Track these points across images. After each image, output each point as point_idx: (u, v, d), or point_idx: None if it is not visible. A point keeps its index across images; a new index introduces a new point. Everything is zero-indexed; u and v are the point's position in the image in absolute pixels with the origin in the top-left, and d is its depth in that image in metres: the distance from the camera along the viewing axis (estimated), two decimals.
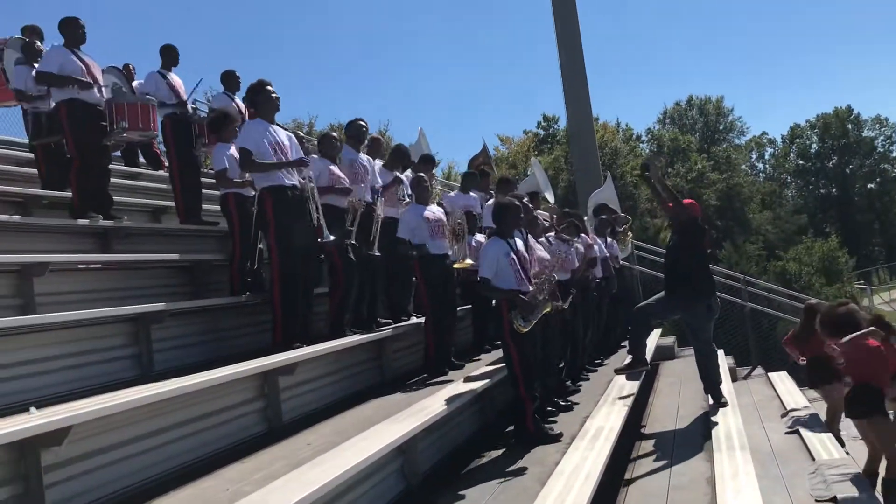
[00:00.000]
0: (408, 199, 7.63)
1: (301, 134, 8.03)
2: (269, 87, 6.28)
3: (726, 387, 8.20)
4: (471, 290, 8.66)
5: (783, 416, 8.51)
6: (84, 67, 7.25)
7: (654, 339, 11.02)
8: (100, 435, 3.78)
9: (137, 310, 5.54)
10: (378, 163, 8.10)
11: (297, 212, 6.18)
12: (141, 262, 6.79)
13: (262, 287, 6.97)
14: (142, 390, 4.11)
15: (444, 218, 7.30)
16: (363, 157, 7.68)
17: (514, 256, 5.87)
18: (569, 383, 7.84)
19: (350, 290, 6.93)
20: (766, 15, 76.01)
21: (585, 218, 9.55)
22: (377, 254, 7.28)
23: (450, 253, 7.21)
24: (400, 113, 73.67)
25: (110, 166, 7.92)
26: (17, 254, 5.80)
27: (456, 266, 7.12)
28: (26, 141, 8.85)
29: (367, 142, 7.93)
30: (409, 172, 8.34)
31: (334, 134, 7.67)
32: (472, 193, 9.31)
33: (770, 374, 11.68)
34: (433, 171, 9.29)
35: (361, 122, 7.77)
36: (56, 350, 4.89)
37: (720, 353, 9.63)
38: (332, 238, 6.41)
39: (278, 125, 6.42)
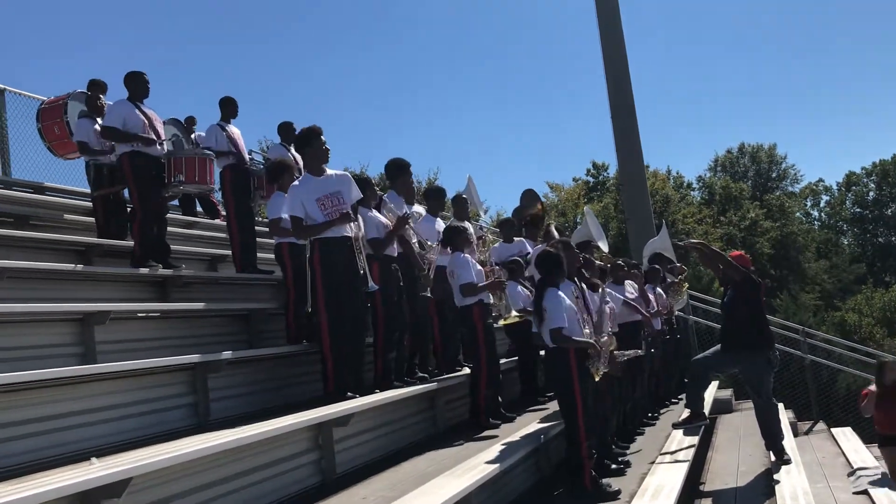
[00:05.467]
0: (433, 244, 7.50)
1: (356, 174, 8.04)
2: (321, 138, 6.25)
3: (788, 443, 7.94)
4: (519, 341, 8.59)
5: (850, 474, 8.20)
6: (146, 121, 7.46)
7: (711, 392, 10.75)
8: (158, 486, 3.77)
9: (196, 359, 5.58)
10: (421, 209, 8.08)
11: (344, 262, 6.17)
12: (198, 310, 6.87)
13: (317, 335, 6.97)
14: (200, 441, 4.12)
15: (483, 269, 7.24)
16: (414, 207, 7.68)
17: (573, 305, 5.80)
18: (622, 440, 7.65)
19: (391, 340, 6.84)
20: (818, 61, 75.30)
21: (647, 268, 9.41)
22: (429, 294, 7.21)
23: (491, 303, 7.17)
24: (448, 159, 74.15)
25: (168, 215, 8.10)
26: (78, 302, 5.94)
27: (503, 322, 7.04)
28: (87, 191, 9.09)
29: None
30: (417, 207, 8.04)
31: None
32: (519, 240, 9.24)
33: (833, 430, 11.30)
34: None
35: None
36: (116, 399, 4.95)
37: (780, 406, 9.35)
38: (376, 287, 6.40)
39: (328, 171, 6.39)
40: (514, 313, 7.27)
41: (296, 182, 6.34)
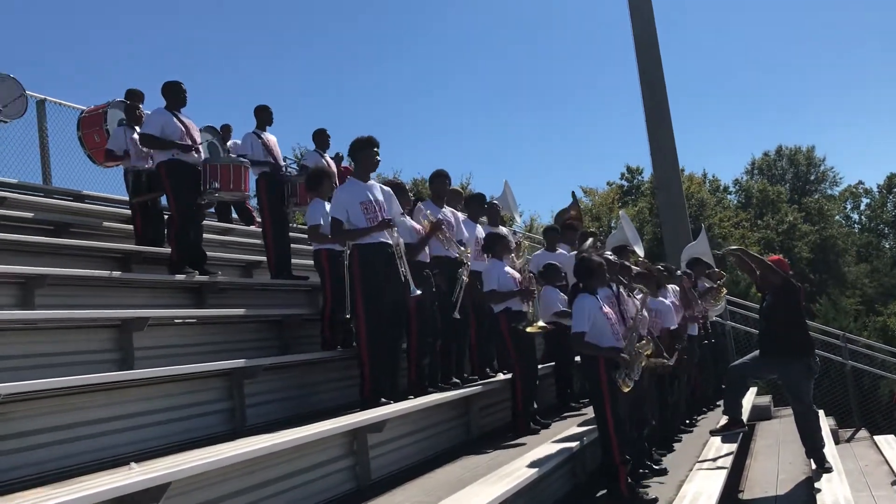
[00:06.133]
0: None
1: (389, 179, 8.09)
2: (375, 149, 6.44)
3: (829, 450, 7.80)
4: (554, 347, 8.55)
5: (893, 483, 8.01)
6: (184, 129, 7.55)
7: (749, 399, 10.58)
8: (196, 491, 3.81)
9: (232, 365, 5.63)
10: (461, 215, 8.10)
11: (384, 268, 6.23)
12: (234, 316, 6.94)
13: (351, 341, 7.00)
14: (237, 446, 4.15)
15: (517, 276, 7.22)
16: (447, 211, 7.70)
17: (608, 311, 5.75)
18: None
19: (424, 346, 6.89)
20: (857, 60, 73.93)
21: (678, 272, 9.27)
22: (458, 316, 7.25)
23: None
24: (482, 163, 74.08)
25: (203, 222, 8.19)
26: (116, 308, 6.03)
27: (529, 330, 7.04)
28: (125, 198, 9.22)
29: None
30: (447, 210, 7.85)
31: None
32: (560, 250, 9.18)
33: (876, 437, 11.06)
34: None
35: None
36: (154, 404, 5.02)
37: (820, 413, 9.18)
38: (418, 293, 6.42)
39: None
40: (539, 323, 7.25)
41: (343, 185, 6.50)
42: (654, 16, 17.26)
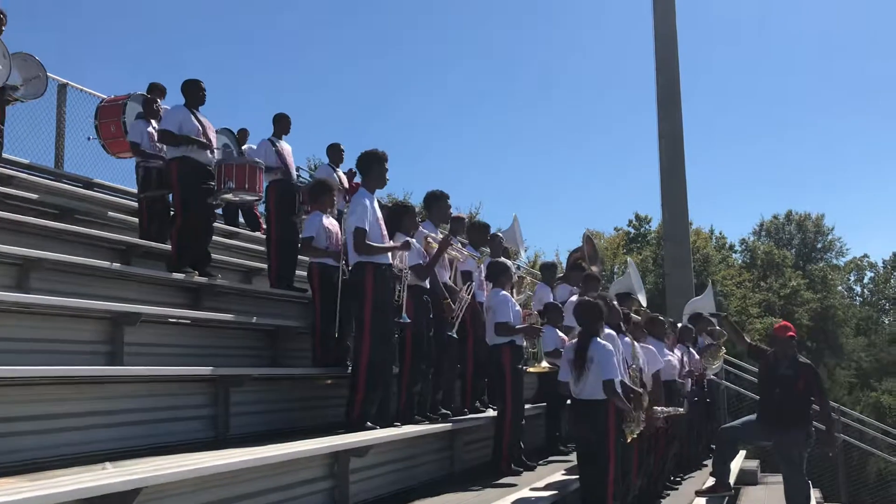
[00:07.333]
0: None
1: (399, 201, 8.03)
2: (386, 164, 6.34)
3: None
4: (546, 388, 8.42)
5: None
6: (201, 128, 7.51)
7: (737, 462, 10.43)
8: (169, 498, 3.69)
9: (220, 371, 5.54)
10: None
11: (391, 290, 6.16)
12: (228, 321, 6.84)
13: (342, 359, 6.88)
14: (216, 457, 4.05)
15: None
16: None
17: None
18: None
19: (417, 373, 6.73)
20: (872, 137, 74.11)
21: (679, 325, 9.18)
22: (454, 335, 7.11)
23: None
24: (492, 195, 74.11)
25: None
26: (112, 301, 5.94)
27: (530, 370, 6.92)
28: (134, 190, 9.18)
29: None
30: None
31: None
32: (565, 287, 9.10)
33: None
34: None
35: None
36: (138, 403, 4.94)
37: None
38: (408, 321, 6.33)
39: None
40: (543, 363, 7.13)
41: (363, 196, 6.23)
42: (680, 70, 17.38)
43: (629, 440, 5.52)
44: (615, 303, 6.64)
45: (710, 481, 8.04)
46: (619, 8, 70.72)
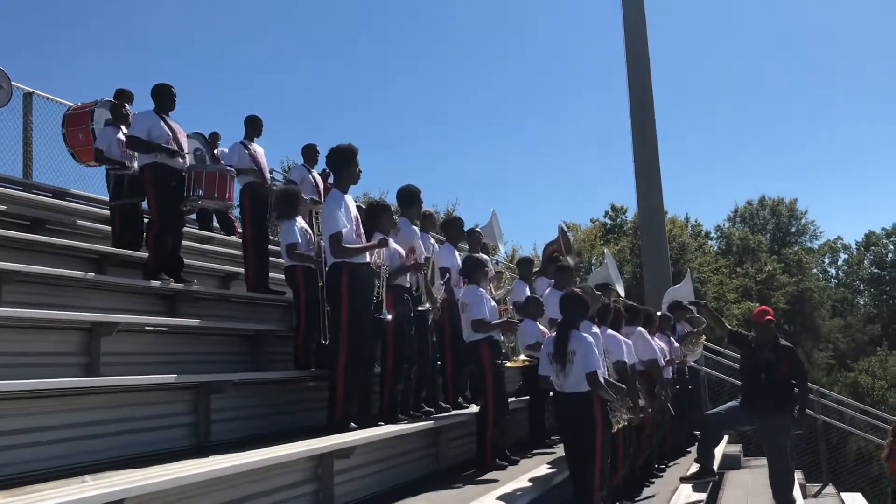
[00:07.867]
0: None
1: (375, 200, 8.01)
2: (356, 159, 6.20)
3: None
4: (531, 382, 8.42)
5: None
6: (171, 133, 7.43)
7: (720, 448, 10.51)
8: None
9: (200, 378, 5.48)
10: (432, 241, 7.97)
11: (369, 289, 6.12)
12: (206, 328, 6.78)
13: (325, 362, 6.82)
14: (198, 465, 4.01)
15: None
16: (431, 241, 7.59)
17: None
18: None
19: (399, 371, 6.70)
20: (844, 120, 74.90)
21: (659, 314, 9.21)
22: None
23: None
24: (467, 191, 74.13)
25: (184, 229, 8.06)
26: (87, 311, 5.86)
27: (509, 365, 6.91)
28: (106, 198, 9.07)
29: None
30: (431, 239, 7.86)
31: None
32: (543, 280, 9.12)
33: (843, 494, 11.03)
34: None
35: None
36: (117, 413, 4.86)
37: None
38: (389, 318, 6.29)
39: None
40: (521, 357, 7.13)
41: (337, 198, 6.11)
42: (650, 60, 17.44)
43: (615, 430, 5.53)
44: (599, 293, 6.68)
45: (695, 467, 8.09)
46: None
